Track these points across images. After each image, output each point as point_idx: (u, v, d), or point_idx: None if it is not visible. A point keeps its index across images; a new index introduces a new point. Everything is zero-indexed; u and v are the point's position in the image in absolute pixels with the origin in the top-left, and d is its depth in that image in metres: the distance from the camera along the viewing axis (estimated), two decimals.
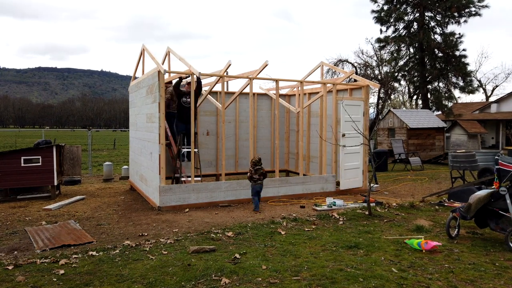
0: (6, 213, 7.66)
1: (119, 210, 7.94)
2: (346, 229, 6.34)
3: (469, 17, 21.67)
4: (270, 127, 12.32)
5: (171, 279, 4.19)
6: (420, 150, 18.41)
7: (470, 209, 5.62)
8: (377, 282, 4.09)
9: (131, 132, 11.28)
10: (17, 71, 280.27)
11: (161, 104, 7.82)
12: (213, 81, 9.34)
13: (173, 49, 9.20)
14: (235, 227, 6.42)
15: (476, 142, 22.44)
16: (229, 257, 4.88)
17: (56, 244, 5.50)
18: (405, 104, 33.26)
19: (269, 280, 4.14)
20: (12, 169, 8.67)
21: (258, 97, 12.04)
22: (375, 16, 22.95)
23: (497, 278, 4.28)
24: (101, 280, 4.18)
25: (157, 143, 7.92)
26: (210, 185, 8.43)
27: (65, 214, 7.56)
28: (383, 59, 26.64)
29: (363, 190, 9.88)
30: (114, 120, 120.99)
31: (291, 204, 8.53)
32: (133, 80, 10.96)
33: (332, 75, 24.52)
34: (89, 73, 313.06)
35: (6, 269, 4.50)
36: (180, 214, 7.48)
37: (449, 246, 5.43)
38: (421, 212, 7.67)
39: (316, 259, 4.83)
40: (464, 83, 22.46)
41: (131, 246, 5.36)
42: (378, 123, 21.35)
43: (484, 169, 11.11)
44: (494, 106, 29.50)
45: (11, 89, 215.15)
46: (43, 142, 11.28)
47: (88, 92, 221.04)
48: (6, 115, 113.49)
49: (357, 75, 17.14)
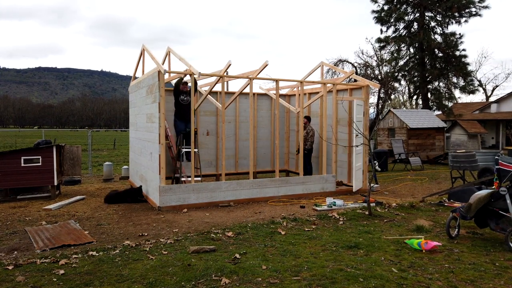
0: (6, 213, 7.66)
1: (119, 210, 7.94)
2: (346, 229, 6.34)
3: (469, 17, 21.67)
4: (270, 127, 12.32)
5: (171, 279, 4.19)
6: (420, 150, 18.41)
7: (470, 209, 5.62)
8: (377, 282, 4.09)
9: (131, 132, 11.29)
10: (17, 71, 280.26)
11: (161, 104, 7.82)
12: (213, 81, 9.33)
13: (173, 49, 9.20)
14: (235, 227, 6.42)
15: (476, 142, 22.44)
16: (229, 257, 4.88)
17: (56, 244, 5.50)
18: (405, 104, 33.25)
19: (269, 280, 4.14)
20: (12, 169, 8.67)
21: (258, 97, 12.03)
22: (375, 16, 22.93)
23: (497, 278, 4.28)
24: (101, 280, 4.18)
25: (157, 143, 7.92)
26: (210, 185, 8.43)
27: (65, 214, 7.56)
28: (383, 59, 26.63)
29: (363, 190, 9.89)
30: (114, 120, 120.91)
31: (291, 204, 8.53)
32: (133, 80, 10.97)
33: (332, 75, 24.52)
34: (89, 73, 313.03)
35: (6, 269, 4.50)
36: (180, 214, 7.48)
37: (449, 246, 5.43)
38: (421, 212, 7.67)
39: (316, 259, 4.83)
40: (464, 83, 22.46)
41: (131, 246, 5.36)
42: (378, 123, 21.34)
43: (484, 169, 11.11)
44: (494, 106, 29.50)
45: (11, 89, 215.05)
46: (43, 142, 11.29)
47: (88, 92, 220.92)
48: (6, 115, 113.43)
49: (357, 75, 17.14)
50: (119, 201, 8.61)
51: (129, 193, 8.80)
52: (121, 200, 8.63)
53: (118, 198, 8.63)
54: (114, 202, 8.57)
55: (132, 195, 8.77)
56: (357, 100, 9.91)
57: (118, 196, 8.66)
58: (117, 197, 8.64)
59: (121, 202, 8.61)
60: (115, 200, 8.60)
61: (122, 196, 8.69)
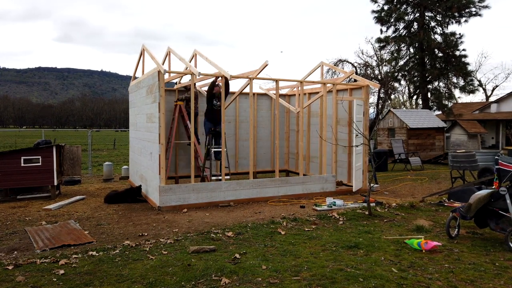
0: (6, 213, 7.66)
1: (119, 210, 7.94)
2: (346, 229, 6.34)
3: (469, 17, 21.67)
4: (270, 127, 12.31)
5: (171, 279, 4.19)
6: (420, 150, 18.41)
7: (470, 209, 5.62)
8: (377, 282, 4.09)
9: (131, 132, 11.29)
10: (17, 71, 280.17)
11: (161, 104, 7.82)
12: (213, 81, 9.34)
13: (173, 49, 9.21)
14: (235, 227, 6.42)
15: (476, 142, 22.44)
16: (229, 257, 4.88)
17: (56, 244, 5.50)
18: (405, 104, 33.25)
19: (269, 280, 4.14)
20: (12, 169, 8.67)
21: (258, 97, 12.03)
22: (375, 16, 22.93)
23: (497, 278, 4.28)
24: (101, 280, 4.18)
25: (157, 143, 7.92)
26: (210, 185, 8.43)
27: (65, 214, 7.56)
28: (383, 59, 26.65)
29: (363, 190, 9.89)
30: (114, 120, 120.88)
31: (291, 204, 8.53)
32: (133, 80, 10.97)
33: (332, 75, 24.53)
34: (89, 73, 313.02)
35: (6, 269, 4.50)
36: (180, 214, 7.48)
37: (449, 246, 5.43)
38: (421, 212, 7.67)
39: (316, 259, 4.83)
40: (464, 83, 22.46)
41: (131, 246, 5.36)
42: (378, 123, 21.34)
43: (484, 169, 11.10)
44: (494, 106, 29.50)
45: (11, 89, 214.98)
46: (43, 142, 11.29)
47: (88, 92, 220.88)
48: (6, 115, 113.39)
49: (357, 75, 17.14)
50: (119, 201, 8.62)
51: (129, 193, 8.81)
52: (121, 200, 8.64)
53: (118, 198, 8.64)
54: (114, 202, 8.58)
55: (131, 195, 8.78)
56: (357, 100, 9.91)
57: (118, 196, 8.67)
58: (116, 197, 8.65)
59: (121, 202, 8.62)
60: (115, 200, 8.61)
61: (122, 196, 8.69)
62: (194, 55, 9.84)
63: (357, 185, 9.93)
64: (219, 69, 8.50)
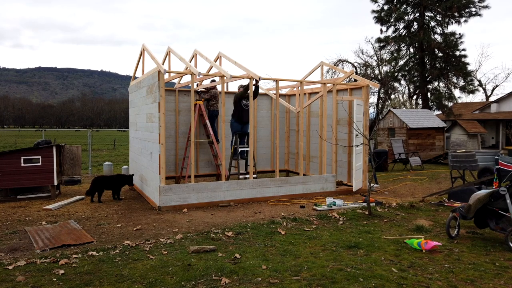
0: (6, 213, 7.66)
1: (119, 210, 7.94)
2: (346, 229, 6.34)
3: (469, 17, 21.70)
4: (270, 127, 12.31)
5: (171, 279, 4.19)
6: (420, 150, 18.41)
7: (470, 209, 5.62)
8: (377, 282, 4.09)
9: (131, 132, 11.29)
10: (17, 71, 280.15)
11: (161, 104, 7.82)
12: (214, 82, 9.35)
13: (173, 49, 9.21)
14: (235, 227, 6.42)
15: (476, 142, 22.45)
16: (229, 257, 4.88)
17: (56, 244, 5.50)
18: (405, 104, 33.24)
19: (269, 280, 4.14)
20: (12, 169, 8.67)
21: (258, 97, 12.02)
22: (375, 16, 22.96)
23: (497, 278, 4.28)
24: (101, 280, 4.18)
25: (157, 143, 7.92)
26: (210, 185, 8.43)
27: (65, 214, 7.56)
28: (383, 59, 26.66)
29: (363, 190, 9.89)
30: (114, 120, 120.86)
31: (291, 204, 8.53)
32: (133, 80, 10.96)
33: (332, 75, 24.53)
34: (89, 73, 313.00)
35: (6, 269, 4.50)
36: (180, 214, 7.48)
37: (449, 246, 5.43)
38: (421, 212, 7.67)
39: (316, 259, 4.83)
40: (464, 83, 22.48)
41: (131, 246, 5.36)
42: (378, 123, 21.34)
43: (484, 169, 11.10)
44: (494, 106, 29.50)
45: (11, 89, 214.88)
46: (43, 142, 11.30)
47: (88, 92, 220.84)
48: (6, 115, 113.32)
49: (357, 75, 17.15)
50: (106, 186, 8.78)
51: (120, 178, 9.02)
52: (109, 186, 8.81)
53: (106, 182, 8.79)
54: (102, 187, 8.70)
55: (123, 180, 9.00)
56: (357, 100, 9.90)
57: (106, 180, 8.81)
58: (104, 181, 8.77)
59: (109, 188, 8.82)
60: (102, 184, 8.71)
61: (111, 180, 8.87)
62: (194, 55, 9.86)
63: (357, 185, 9.93)
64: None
